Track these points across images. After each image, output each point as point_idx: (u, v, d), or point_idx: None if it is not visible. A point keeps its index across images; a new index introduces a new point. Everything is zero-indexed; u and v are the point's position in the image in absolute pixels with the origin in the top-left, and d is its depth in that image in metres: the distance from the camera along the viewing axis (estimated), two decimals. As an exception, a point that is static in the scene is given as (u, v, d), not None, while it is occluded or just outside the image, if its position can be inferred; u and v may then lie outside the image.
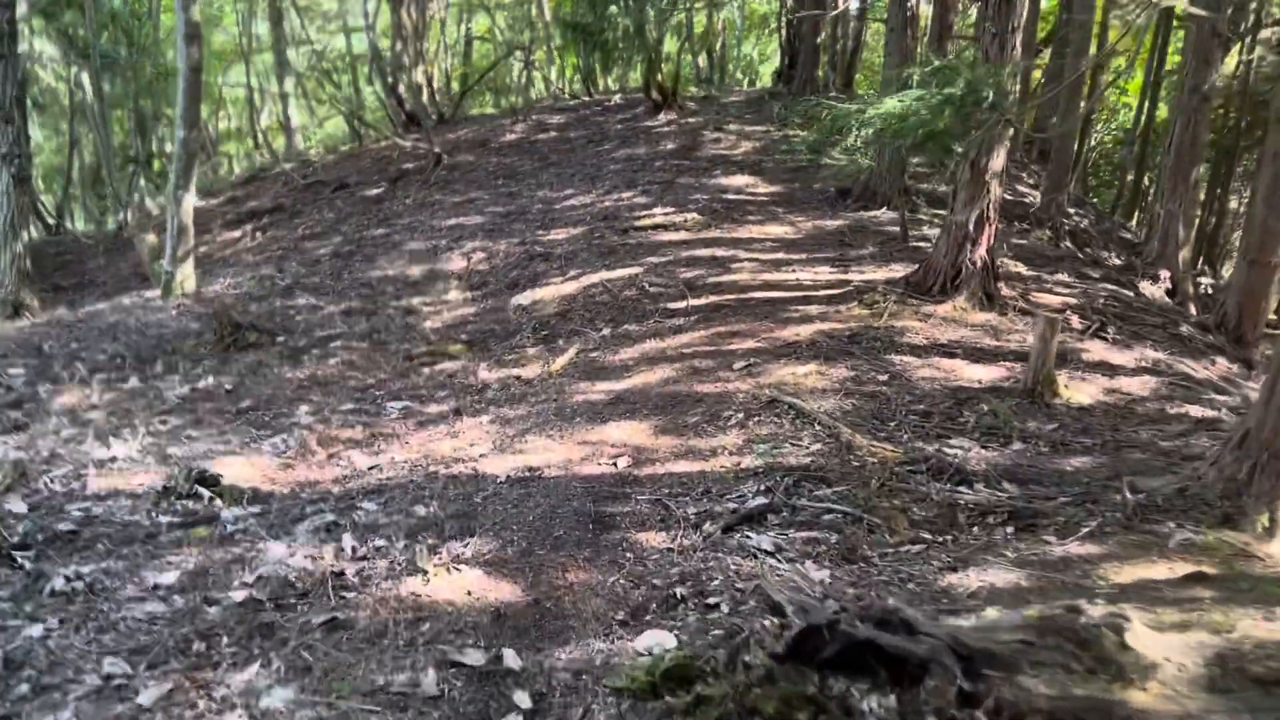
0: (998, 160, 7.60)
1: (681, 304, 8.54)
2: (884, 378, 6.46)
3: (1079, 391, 6.38)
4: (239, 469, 5.79)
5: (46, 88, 20.92)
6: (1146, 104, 17.85)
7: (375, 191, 14.91)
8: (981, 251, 7.78)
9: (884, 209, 11.36)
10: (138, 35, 17.02)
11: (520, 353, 8.10)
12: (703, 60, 24.65)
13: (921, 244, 9.96)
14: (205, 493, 5.36)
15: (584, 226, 11.41)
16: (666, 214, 11.41)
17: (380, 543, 4.59)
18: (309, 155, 20.41)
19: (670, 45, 20.37)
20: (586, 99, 20.13)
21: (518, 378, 7.45)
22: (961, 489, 4.87)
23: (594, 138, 15.77)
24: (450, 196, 13.59)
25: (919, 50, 11.58)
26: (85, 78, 18.56)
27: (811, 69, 17.62)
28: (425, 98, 20.38)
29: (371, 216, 13.56)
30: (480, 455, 5.81)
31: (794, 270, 9.21)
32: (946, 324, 7.47)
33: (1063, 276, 9.31)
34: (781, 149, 14.37)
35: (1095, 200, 18.73)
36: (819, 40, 17.68)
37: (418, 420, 6.64)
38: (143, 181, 22.14)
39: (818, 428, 5.66)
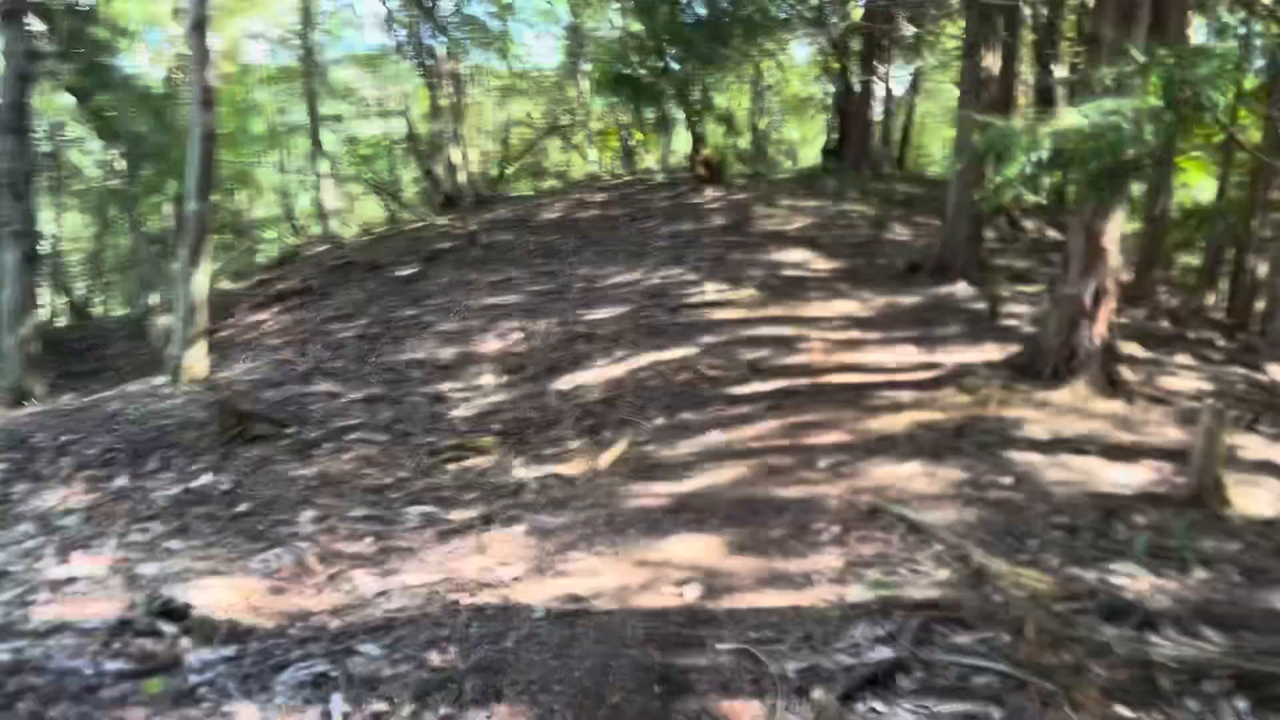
0: (1116, 223, 6.53)
1: (746, 389, 7.45)
2: (1007, 481, 5.28)
3: (1251, 499, 5.15)
4: (219, 594, 4.71)
5: (79, 171, 20.66)
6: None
7: (407, 271, 14.09)
8: (1100, 329, 6.66)
9: (960, 283, 10.27)
10: (169, 116, 16.59)
11: (561, 446, 7.02)
12: (743, 143, 24.10)
13: (1011, 322, 8.86)
14: (169, 629, 4.28)
15: (629, 305, 10.43)
16: (719, 290, 10.41)
17: (380, 706, 3.48)
18: (342, 237, 19.84)
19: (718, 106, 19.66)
20: (628, 178, 19.46)
21: (558, 476, 6.35)
22: (1150, 637, 3.66)
23: (637, 214, 14.92)
24: (486, 275, 12.72)
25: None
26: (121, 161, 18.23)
27: (864, 144, 16.79)
28: (462, 179, 19.84)
29: (402, 297, 12.70)
30: (513, 579, 4.68)
31: (872, 351, 8.11)
32: (1067, 414, 6.29)
33: (1183, 359, 8.12)
34: (839, 224, 13.42)
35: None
36: (869, 117, 16.88)
37: (439, 530, 5.53)
38: (175, 265, 21.68)
39: (938, 547, 4.49)
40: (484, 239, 14.22)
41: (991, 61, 10.22)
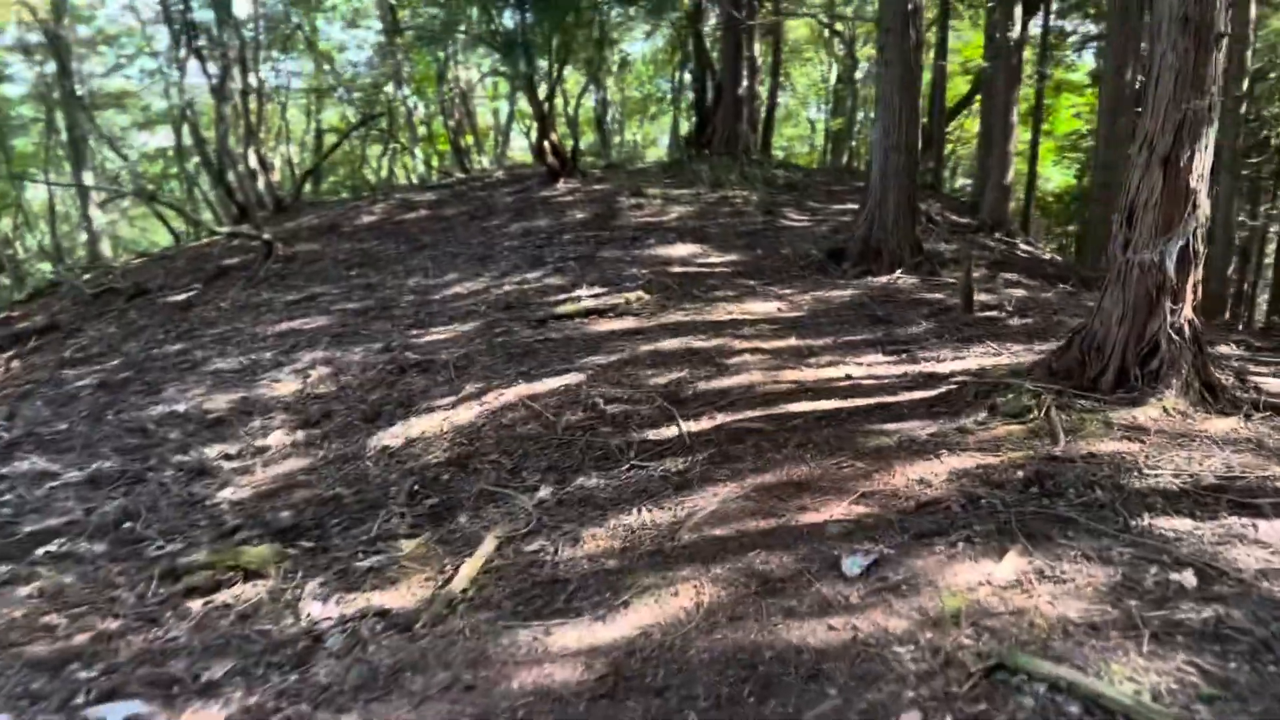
0: (1206, 157, 4.45)
1: (669, 430, 4.97)
2: (1187, 580, 3.00)
3: None
4: None
5: None
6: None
7: (183, 296, 10.93)
8: (1187, 312, 4.56)
9: (898, 273, 8.20)
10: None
11: (388, 549, 4.32)
12: (584, 143, 21.86)
13: (992, 314, 6.79)
14: None
15: (478, 320, 7.80)
16: (597, 296, 7.94)
17: None
18: (111, 263, 16.24)
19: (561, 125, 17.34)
20: (462, 176, 16.76)
21: (382, 615, 3.66)
22: None
23: (477, 213, 12.28)
24: (283, 294, 9.78)
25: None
26: None
27: (733, 124, 14.75)
28: (261, 185, 16.62)
29: (171, 328, 9.60)
30: None
31: (829, 363, 5.81)
32: (1175, 442, 4.12)
33: (1225, 348, 6.21)
34: (723, 212, 11.22)
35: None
36: (739, 92, 14.86)
37: (141, 773, 2.79)
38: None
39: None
40: (282, 250, 11.22)
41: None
